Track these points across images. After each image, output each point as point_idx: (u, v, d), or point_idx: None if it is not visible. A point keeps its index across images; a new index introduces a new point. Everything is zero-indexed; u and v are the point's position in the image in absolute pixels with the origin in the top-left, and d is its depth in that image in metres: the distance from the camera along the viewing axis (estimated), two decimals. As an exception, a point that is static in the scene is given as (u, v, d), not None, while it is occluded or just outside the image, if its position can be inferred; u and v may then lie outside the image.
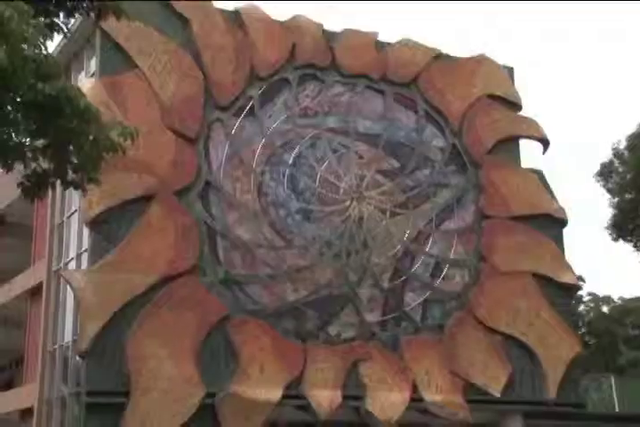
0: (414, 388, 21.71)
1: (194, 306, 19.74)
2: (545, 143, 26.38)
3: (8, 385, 29.63)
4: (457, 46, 45.51)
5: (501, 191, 24.91)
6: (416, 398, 21.61)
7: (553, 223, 25.36)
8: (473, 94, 25.55)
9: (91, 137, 9.03)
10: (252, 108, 22.38)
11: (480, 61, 26.21)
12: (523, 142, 26.42)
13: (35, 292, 24.66)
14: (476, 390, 22.42)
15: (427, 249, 23.59)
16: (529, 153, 27.03)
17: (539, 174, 25.88)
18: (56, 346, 22.33)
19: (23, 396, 24.07)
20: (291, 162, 22.58)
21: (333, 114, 23.68)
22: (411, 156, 24.21)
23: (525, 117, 26.44)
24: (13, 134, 8.83)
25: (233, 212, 21.47)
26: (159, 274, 19.61)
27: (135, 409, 18.45)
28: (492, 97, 25.96)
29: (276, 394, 19.96)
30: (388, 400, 21.22)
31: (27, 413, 23.56)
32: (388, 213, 23.24)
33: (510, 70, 26.98)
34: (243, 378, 19.82)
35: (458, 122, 25.02)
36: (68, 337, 21.56)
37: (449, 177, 24.68)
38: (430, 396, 21.78)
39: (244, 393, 19.59)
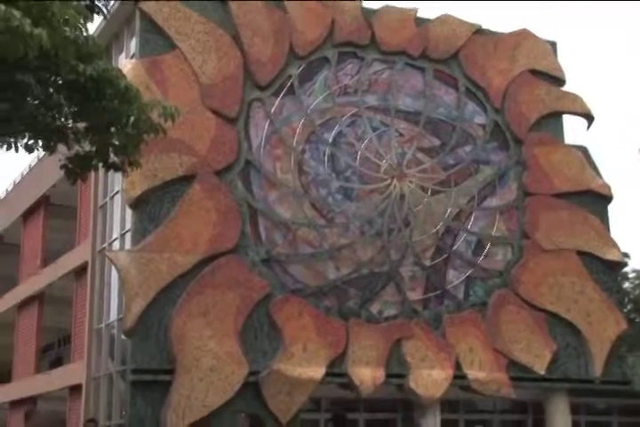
0: (457, 365, 21.68)
1: (236, 285, 19.88)
2: (589, 119, 25.94)
3: (57, 363, 30.21)
4: (498, 21, 44.85)
5: (544, 168, 24.59)
6: (459, 376, 21.59)
7: (597, 200, 25.00)
8: (515, 70, 25.16)
9: (132, 118, 9.09)
10: (291, 86, 22.32)
11: (522, 36, 25.77)
12: (566, 118, 26.01)
13: (80, 272, 25.04)
14: (519, 368, 22.32)
15: (468, 227, 23.43)
16: (573, 129, 26.65)
17: (583, 150, 25.49)
18: (102, 325, 22.70)
19: (71, 373, 24.54)
20: (331, 140, 22.51)
21: (373, 92, 23.51)
22: (451, 133, 23.98)
23: (569, 93, 25.98)
24: (56, 116, 8.92)
25: (274, 191, 21.51)
26: (201, 253, 19.76)
27: (180, 387, 18.71)
28: (535, 72, 25.54)
29: (318, 372, 20.08)
30: (430, 378, 21.23)
31: (75, 389, 24.04)
32: (429, 191, 23.10)
33: (553, 45, 26.49)
34: (286, 356, 19.95)
35: (499, 98, 24.69)
36: (114, 316, 21.89)
37: (490, 154, 24.41)
38: (473, 373, 21.74)
39: (288, 371, 19.74)
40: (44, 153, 14.04)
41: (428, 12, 33.45)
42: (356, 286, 21.60)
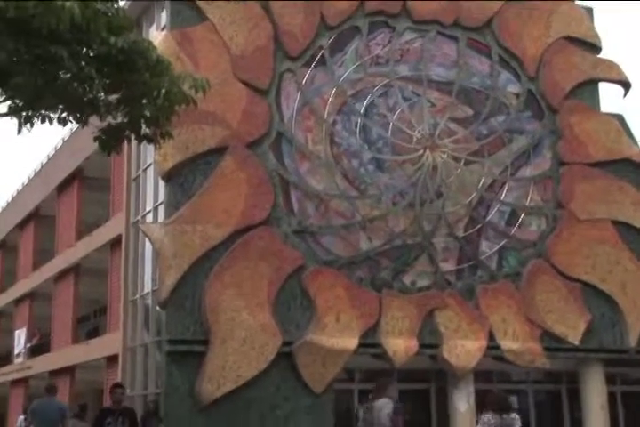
0: (491, 336, 21.66)
1: (269, 256, 19.96)
2: (626, 86, 25.47)
3: (94, 333, 30.69)
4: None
5: (580, 137, 24.25)
6: (492, 346, 21.57)
7: (633, 168, 24.64)
8: (550, 37, 24.71)
9: (163, 90, 9.09)
10: (322, 57, 22.14)
11: (557, 2, 25.25)
12: (602, 86, 25.57)
13: (115, 244, 25.31)
14: (554, 338, 22.24)
15: (502, 197, 23.23)
16: (609, 97, 26.20)
17: (619, 118, 25.07)
18: (137, 296, 22.97)
19: (108, 344, 24.93)
20: (362, 111, 22.35)
21: (405, 62, 23.26)
22: (485, 102, 23.69)
23: (605, 59, 25.50)
24: (88, 89, 8.94)
25: (305, 162, 21.46)
26: (234, 225, 19.84)
27: (214, 357, 18.91)
28: (570, 39, 25.06)
29: (352, 342, 20.18)
30: (464, 348, 21.24)
31: (112, 360, 24.43)
32: (462, 162, 22.90)
33: (589, 11, 25.96)
34: (319, 327, 20.06)
35: (534, 66, 24.31)
36: (148, 287, 22.13)
37: (525, 123, 24.10)
38: (507, 344, 21.71)
39: (321, 342, 19.85)
40: (77, 126, 14.12)
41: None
42: (388, 257, 21.58)
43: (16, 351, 35.18)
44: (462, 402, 21.55)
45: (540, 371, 23.20)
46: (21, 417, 17.41)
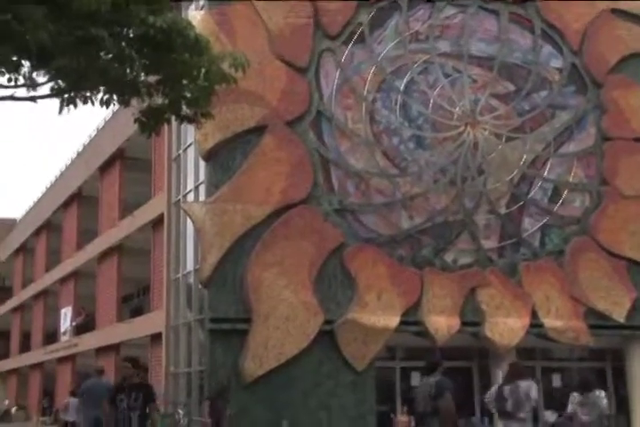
0: (533, 314, 21.52)
1: (310, 235, 19.99)
2: (672, 59, 24.88)
3: (137, 312, 31.08)
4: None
5: (624, 111, 23.80)
6: (535, 324, 21.44)
7: (680, 143, 24.14)
8: (594, 9, 24.20)
9: (203, 69, 9.08)
10: (361, 34, 21.96)
11: (601, -27, 24.70)
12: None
13: (156, 223, 25.53)
14: (598, 316, 22.04)
15: (545, 174, 22.95)
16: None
17: (665, 93, 24.53)
18: (179, 275, 23.18)
19: (152, 322, 25.23)
20: (402, 88, 22.17)
21: (445, 37, 22.97)
22: (527, 78, 23.33)
23: (652, 32, 24.91)
24: (128, 70, 8.96)
25: (345, 140, 21.39)
26: (274, 204, 19.88)
27: (257, 335, 19.05)
28: (616, 11, 24.51)
29: (393, 320, 20.19)
30: (506, 326, 21.14)
31: (156, 338, 24.73)
32: (503, 138, 22.64)
33: (635, -19, 25.34)
34: (360, 305, 20.09)
35: (577, 40, 23.85)
36: (190, 266, 22.32)
37: (568, 98, 23.71)
38: (550, 321, 21.56)
39: (362, 320, 19.89)
40: (117, 107, 14.20)
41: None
42: (429, 235, 21.49)
43: (62, 329, 35.79)
44: (505, 380, 21.44)
45: (584, 349, 23.02)
46: (74, 399, 17.80)
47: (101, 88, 8.97)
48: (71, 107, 8.98)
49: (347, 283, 20.24)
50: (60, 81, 8.92)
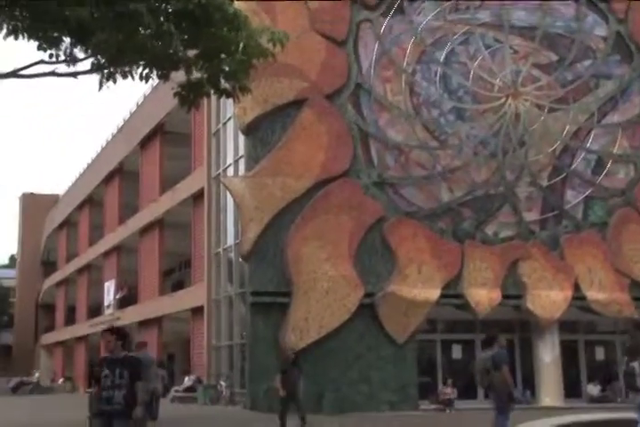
0: (576, 286, 21.34)
1: (350, 208, 19.96)
2: None
3: (179, 286, 31.40)
4: None
5: (670, 80, 23.27)
6: (578, 297, 21.27)
7: None
8: (640, -26, 23.59)
9: (241, 44, 9.03)
10: (400, 5, 21.69)
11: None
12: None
13: (197, 197, 25.67)
14: (642, 288, 21.79)
15: (588, 145, 22.61)
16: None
17: None
18: (220, 249, 23.33)
19: (193, 295, 25.48)
20: (442, 60, 21.90)
21: (486, 7, 22.57)
22: (570, 47, 22.89)
23: (699, -3, 24.23)
24: (167, 45, 8.95)
25: (385, 113, 21.24)
26: (314, 178, 19.86)
27: (297, 309, 19.14)
28: (662, -23, 23.88)
29: (434, 293, 20.15)
30: (548, 299, 21.00)
31: (197, 311, 24.98)
32: (545, 109, 22.30)
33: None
34: (401, 278, 20.07)
35: (623, 7, 23.30)
36: (231, 240, 22.44)
37: (612, 67, 23.24)
38: (593, 294, 21.37)
39: (403, 293, 19.88)
40: (157, 82, 14.23)
41: None
42: (470, 208, 21.34)
43: (106, 303, 36.34)
44: (547, 353, 21.40)
45: (629, 321, 22.74)
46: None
47: (140, 63, 8.98)
48: (111, 82, 9.02)
49: (387, 256, 20.22)
50: (99, 56, 8.95)
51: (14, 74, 9.22)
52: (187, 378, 25.40)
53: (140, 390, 7.57)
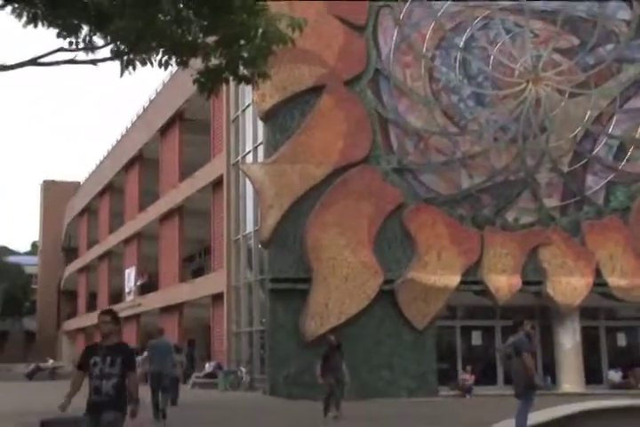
0: (597, 272, 21.23)
1: (369, 195, 19.93)
2: None
3: (199, 272, 31.52)
4: None
5: (694, 64, 22.99)
6: (599, 283, 21.17)
7: None
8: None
9: (260, 30, 9.00)
10: (419, -11, 21.53)
11: None
12: None
13: (216, 184, 25.73)
14: (664, 275, 21.62)
15: (609, 130, 22.42)
16: None
17: None
18: (239, 236, 23.39)
19: (213, 282, 25.59)
20: (462, 45, 21.75)
21: (506, -9, 22.38)
22: (592, 31, 22.65)
23: None
24: (186, 31, 8.93)
25: (404, 99, 21.15)
26: (333, 164, 19.83)
27: (317, 295, 19.17)
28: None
29: (453, 280, 20.12)
30: (569, 285, 20.91)
31: (217, 298, 25.10)
32: (567, 94, 22.11)
33: None
34: (420, 264, 20.05)
35: (645, -10, 23.02)
36: (250, 227, 22.49)
37: (635, 52, 22.98)
38: (615, 280, 21.25)
39: (422, 279, 19.87)
40: (176, 69, 14.24)
41: None
42: (490, 194, 21.25)
43: (127, 289, 36.56)
44: (568, 339, 21.34)
45: (650, 308, 22.65)
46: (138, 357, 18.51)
47: (160, 50, 8.97)
48: (131, 69, 9.02)
49: (406, 242, 20.19)
50: (118, 43, 8.95)
51: (34, 62, 9.25)
52: (207, 364, 25.56)
53: (131, 381, 6.91)
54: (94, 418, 6.77)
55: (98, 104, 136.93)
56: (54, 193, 55.63)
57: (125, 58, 8.98)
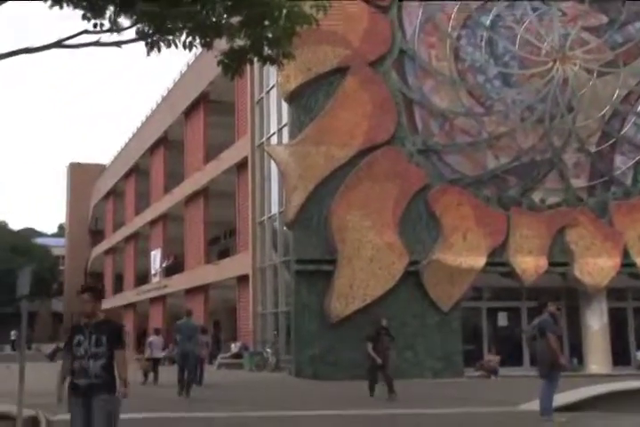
0: (625, 253, 21.07)
1: (394, 176, 19.86)
2: None
3: (224, 254, 31.65)
4: None
5: None
6: (627, 264, 21.01)
7: None
8: None
9: (284, 10, 8.94)
10: (445, -32, 21.29)
11: None
12: None
13: (241, 166, 25.75)
14: (693, 256, 21.40)
15: (638, 109, 22.14)
16: None
17: None
18: (264, 217, 23.43)
19: (238, 264, 25.68)
20: (488, 24, 21.51)
21: (533, -32, 22.08)
22: (621, 9, 22.32)
23: None
24: (211, 12, 8.90)
25: (429, 80, 20.99)
26: (358, 146, 19.76)
27: (342, 277, 19.18)
28: None
29: (479, 261, 20.05)
30: (596, 266, 20.77)
31: (243, 279, 25.20)
32: (595, 73, 21.84)
33: None
34: (446, 246, 19.98)
35: (675, -34, 22.62)
36: (275, 209, 22.51)
37: (665, 29, 22.62)
38: (643, 261, 21.09)
39: (448, 260, 19.81)
40: (201, 51, 14.20)
41: None
42: (516, 175, 21.10)
43: (152, 271, 36.78)
44: (595, 320, 21.23)
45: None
46: (156, 338, 18.75)
47: (184, 31, 8.94)
48: (155, 51, 9.00)
49: (431, 224, 20.12)
50: (144, 25, 8.93)
51: (59, 44, 9.25)
52: (233, 345, 25.73)
53: (120, 361, 6.27)
54: (83, 402, 6.16)
55: (123, 87, 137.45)
56: (80, 175, 56.00)
57: (150, 40, 8.96)
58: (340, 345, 18.84)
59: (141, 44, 8.95)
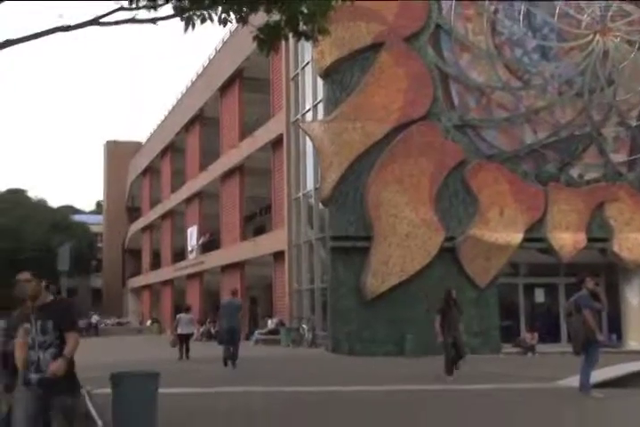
0: (665, 229, 20.79)
1: (430, 152, 19.72)
2: None
3: (260, 231, 31.76)
4: None
5: None
6: (667, 240, 20.74)
7: None
8: None
9: (320, -16, 8.86)
10: (481, -61, 20.93)
11: None
12: None
13: (276, 143, 25.73)
14: None
15: (680, 82, 21.69)
16: None
17: None
18: (300, 194, 23.43)
19: (274, 240, 25.75)
20: (526, -4, 21.17)
21: (572, -62, 21.62)
22: (662, -21, 21.82)
23: None
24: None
25: (465, 54, 20.74)
26: (394, 121, 19.63)
27: (377, 253, 19.16)
28: None
29: (516, 237, 19.90)
30: (636, 241, 20.54)
31: (278, 256, 25.28)
32: (637, 45, 21.42)
33: None
34: (482, 221, 19.85)
35: None
36: (310, 185, 22.49)
37: None
38: (683, 237, 20.79)
39: (484, 236, 19.68)
40: (235, 27, 14.18)
41: None
42: (554, 150, 20.84)
43: (189, 248, 37.07)
44: (635, 296, 21.03)
45: None
46: (184, 315, 19.34)
47: (219, 7, 8.91)
48: (190, 27, 8.98)
49: (468, 200, 19.99)
50: (179, 0, 8.91)
51: (95, 21, 9.26)
52: (269, 321, 25.90)
53: (70, 343, 5.38)
54: (41, 398, 5.33)
55: (159, 64, 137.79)
56: (117, 153, 56.39)
57: (186, 15, 8.94)
58: (375, 322, 18.88)
59: (177, 20, 8.93)
